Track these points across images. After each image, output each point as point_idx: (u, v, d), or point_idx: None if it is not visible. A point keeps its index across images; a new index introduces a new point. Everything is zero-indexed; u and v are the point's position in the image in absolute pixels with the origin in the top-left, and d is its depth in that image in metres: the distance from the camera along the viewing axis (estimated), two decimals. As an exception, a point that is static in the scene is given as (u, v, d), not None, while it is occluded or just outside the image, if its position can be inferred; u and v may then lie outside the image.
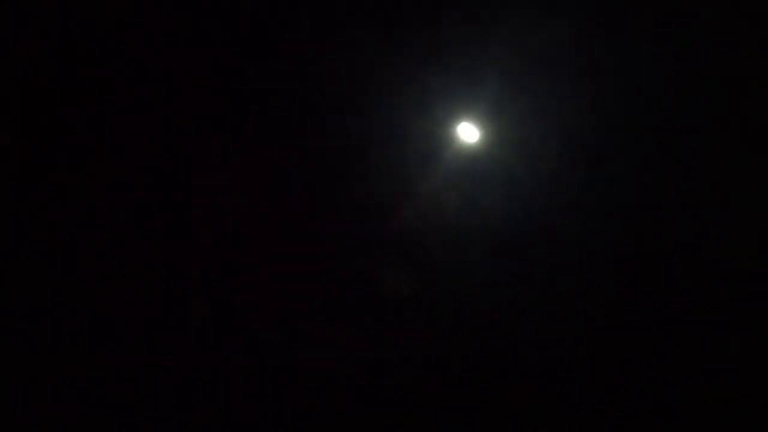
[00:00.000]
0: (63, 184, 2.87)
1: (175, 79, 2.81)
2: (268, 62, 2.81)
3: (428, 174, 2.98)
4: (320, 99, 2.87)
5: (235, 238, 3.01)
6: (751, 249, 3.00)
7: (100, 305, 2.99)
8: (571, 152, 3.03)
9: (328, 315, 3.09)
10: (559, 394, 3.20)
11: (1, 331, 2.89)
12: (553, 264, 3.10)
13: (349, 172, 2.99)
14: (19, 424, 2.85)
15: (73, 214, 2.91)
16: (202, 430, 3.06)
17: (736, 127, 2.99)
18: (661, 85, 3.00)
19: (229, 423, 3.04)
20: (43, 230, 2.91)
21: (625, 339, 3.18)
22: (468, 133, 2.94)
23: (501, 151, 2.96)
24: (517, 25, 2.88)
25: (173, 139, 2.86)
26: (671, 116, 3.03)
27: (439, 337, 3.16)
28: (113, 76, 2.75)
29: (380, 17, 2.73)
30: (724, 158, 3.02)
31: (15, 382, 2.88)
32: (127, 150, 2.88)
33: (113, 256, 2.97)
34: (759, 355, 3.01)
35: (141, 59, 2.76)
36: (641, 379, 3.12)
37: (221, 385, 3.05)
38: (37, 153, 2.79)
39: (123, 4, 2.71)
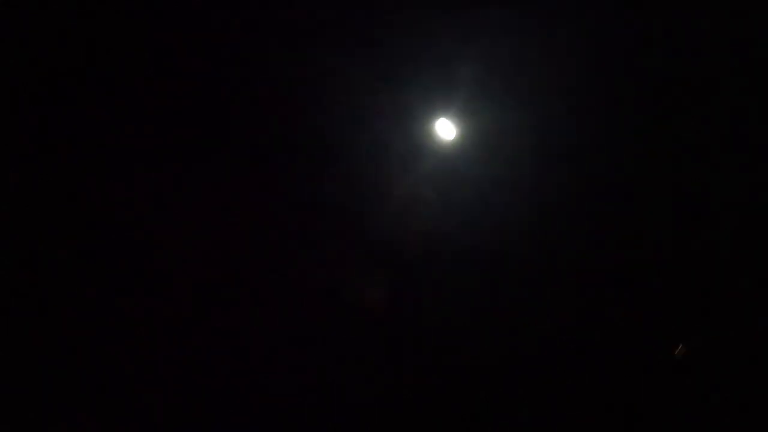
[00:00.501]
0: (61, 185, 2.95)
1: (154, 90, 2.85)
2: (245, 65, 2.80)
3: (406, 173, 2.97)
4: (298, 100, 2.86)
5: (216, 245, 3.04)
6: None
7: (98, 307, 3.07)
8: (547, 151, 2.99)
9: (308, 320, 3.12)
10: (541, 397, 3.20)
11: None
12: (531, 264, 3.07)
13: (326, 172, 2.97)
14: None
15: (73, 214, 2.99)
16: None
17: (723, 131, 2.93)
18: (641, 85, 2.95)
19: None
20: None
21: (607, 340, 3.15)
22: (445, 130, 2.92)
23: (477, 150, 2.94)
24: (496, 25, 2.86)
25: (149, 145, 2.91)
26: (653, 116, 2.99)
27: (416, 343, 3.17)
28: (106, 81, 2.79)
29: (360, 18, 2.72)
30: (708, 159, 2.99)
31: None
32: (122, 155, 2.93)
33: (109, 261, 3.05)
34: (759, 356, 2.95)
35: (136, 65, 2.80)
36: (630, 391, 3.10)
37: (204, 396, 3.10)
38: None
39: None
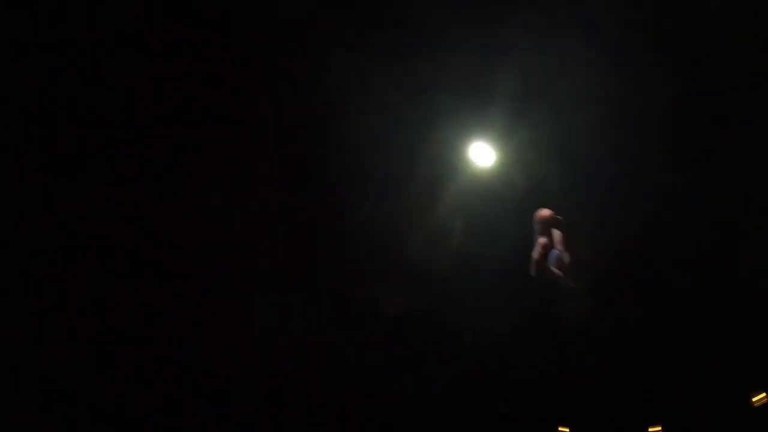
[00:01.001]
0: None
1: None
2: (276, 92, 2.74)
3: (439, 195, 2.95)
4: (332, 120, 2.82)
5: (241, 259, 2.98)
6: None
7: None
8: (582, 173, 2.97)
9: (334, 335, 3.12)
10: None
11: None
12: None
13: (359, 194, 2.96)
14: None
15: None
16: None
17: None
18: (671, 103, 2.91)
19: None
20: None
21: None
22: (480, 153, 2.89)
23: (512, 172, 2.91)
24: (529, 47, 2.77)
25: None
26: (684, 135, 2.96)
27: (445, 362, 3.20)
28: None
29: (392, 38, 2.65)
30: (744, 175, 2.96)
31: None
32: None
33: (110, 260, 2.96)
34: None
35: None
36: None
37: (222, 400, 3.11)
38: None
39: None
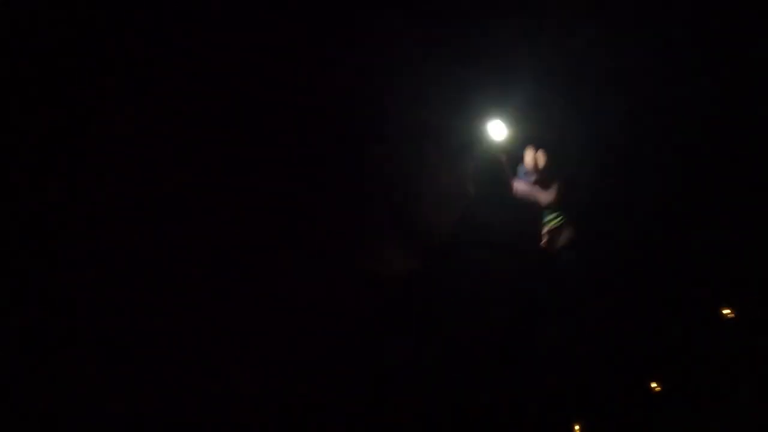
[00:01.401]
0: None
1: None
2: (296, 55, 2.72)
3: (455, 169, 2.97)
4: (353, 94, 2.83)
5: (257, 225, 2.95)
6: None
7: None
8: (599, 154, 2.96)
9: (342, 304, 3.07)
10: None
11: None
12: (573, 263, 3.06)
13: (378, 167, 2.95)
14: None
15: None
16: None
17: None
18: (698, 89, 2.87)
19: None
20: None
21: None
22: (497, 130, 2.89)
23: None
24: (554, 25, 2.75)
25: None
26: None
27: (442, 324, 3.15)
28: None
29: (416, 14, 2.65)
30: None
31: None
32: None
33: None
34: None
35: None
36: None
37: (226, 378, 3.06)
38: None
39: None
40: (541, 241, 2.90)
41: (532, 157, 2.83)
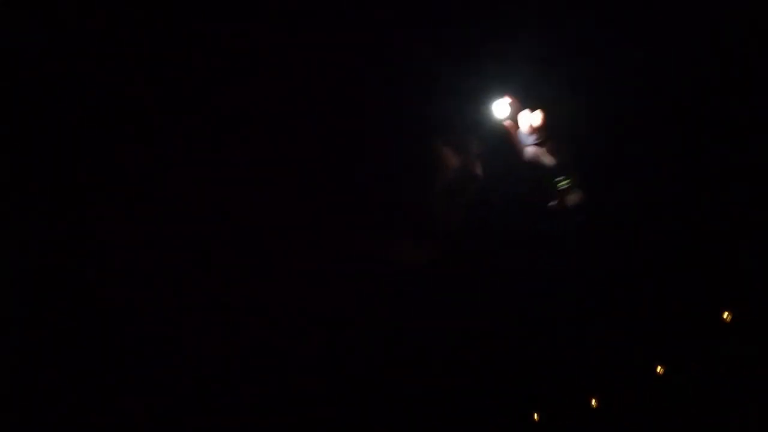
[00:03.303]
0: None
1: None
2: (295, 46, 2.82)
3: (457, 151, 2.98)
4: (357, 77, 2.89)
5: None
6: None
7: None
8: (599, 135, 3.00)
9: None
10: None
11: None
12: (576, 248, 3.07)
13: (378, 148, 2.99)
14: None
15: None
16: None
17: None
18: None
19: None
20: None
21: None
22: (499, 111, 2.93)
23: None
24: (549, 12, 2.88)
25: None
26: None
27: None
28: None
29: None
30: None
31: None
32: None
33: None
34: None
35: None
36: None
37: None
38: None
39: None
40: (550, 204, 2.95)
41: (528, 119, 2.87)
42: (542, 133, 2.89)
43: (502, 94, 2.89)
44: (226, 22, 2.84)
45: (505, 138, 2.90)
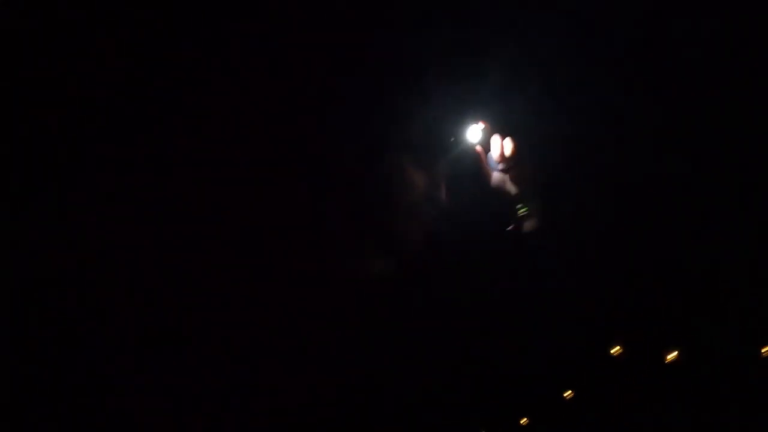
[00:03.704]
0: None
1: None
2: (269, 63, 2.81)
3: (430, 171, 3.00)
4: (327, 100, 2.89)
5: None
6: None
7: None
8: (577, 153, 3.02)
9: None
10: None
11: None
12: (556, 264, 3.09)
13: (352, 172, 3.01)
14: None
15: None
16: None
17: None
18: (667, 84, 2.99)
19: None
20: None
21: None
22: (472, 135, 2.96)
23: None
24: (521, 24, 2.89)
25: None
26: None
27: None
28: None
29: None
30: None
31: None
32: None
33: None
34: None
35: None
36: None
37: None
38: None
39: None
40: (509, 228, 2.96)
41: (499, 146, 2.89)
42: (510, 160, 2.91)
43: (476, 120, 2.92)
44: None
45: (474, 162, 2.93)
